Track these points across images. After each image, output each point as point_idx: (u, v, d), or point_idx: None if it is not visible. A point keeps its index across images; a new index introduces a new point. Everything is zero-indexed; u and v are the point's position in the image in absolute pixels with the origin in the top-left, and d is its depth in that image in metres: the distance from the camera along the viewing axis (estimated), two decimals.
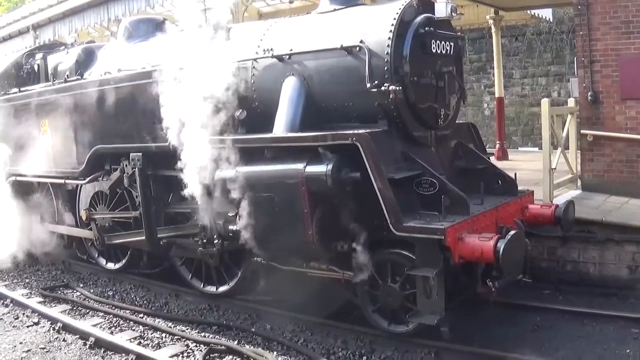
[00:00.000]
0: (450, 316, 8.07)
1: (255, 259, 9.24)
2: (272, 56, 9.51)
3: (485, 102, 26.23)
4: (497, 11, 19.79)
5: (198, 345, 9.13)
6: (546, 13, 21.98)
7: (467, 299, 8.83)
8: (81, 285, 12.32)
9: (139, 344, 9.22)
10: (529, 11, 20.94)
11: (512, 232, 7.83)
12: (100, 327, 9.94)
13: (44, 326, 10.08)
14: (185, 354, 8.89)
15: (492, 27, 20.05)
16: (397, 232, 7.75)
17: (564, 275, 11.07)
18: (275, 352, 8.76)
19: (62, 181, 12.30)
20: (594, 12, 13.57)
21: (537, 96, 21.93)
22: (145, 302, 11.17)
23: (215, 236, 9.77)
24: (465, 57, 25.53)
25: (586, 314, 9.41)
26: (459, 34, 10.34)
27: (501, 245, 7.47)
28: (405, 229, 7.71)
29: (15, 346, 9.32)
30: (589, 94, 13.61)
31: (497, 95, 20.05)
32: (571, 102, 15.23)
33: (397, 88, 8.36)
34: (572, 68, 20.83)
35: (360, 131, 8.04)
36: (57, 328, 9.90)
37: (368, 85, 8.44)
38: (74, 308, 10.95)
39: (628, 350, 8.33)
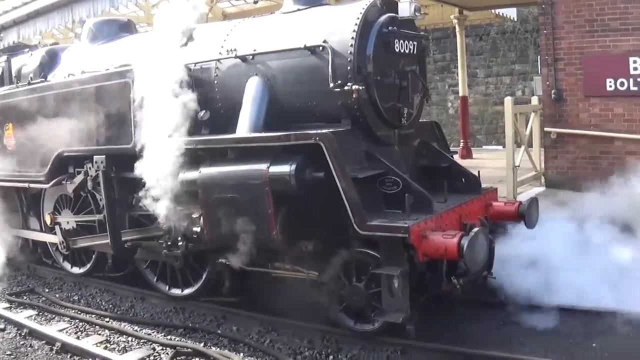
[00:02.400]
0: (415, 314, 8.08)
1: (220, 260, 9.18)
2: (236, 56, 9.47)
3: (450, 101, 26.41)
4: (462, 11, 19.97)
5: (164, 348, 9.07)
6: (510, 12, 22.22)
7: (432, 296, 8.85)
8: (47, 290, 12.20)
9: (105, 348, 9.14)
10: (493, 10, 21.14)
11: (476, 229, 7.87)
12: (67, 332, 9.84)
13: (10, 332, 9.97)
14: (151, 357, 8.81)
15: (457, 26, 20.22)
16: (361, 231, 7.75)
17: None
18: (241, 354, 8.73)
19: (26, 185, 12.16)
20: (558, 11, 13.73)
21: (501, 95, 22.12)
22: (110, 306, 11.07)
23: (179, 238, 9.70)
24: (429, 56, 25.72)
25: (551, 308, 9.44)
26: (423, 33, 10.38)
27: (465, 242, 7.50)
28: (369, 228, 7.71)
29: None
30: (553, 92, 13.78)
31: (461, 94, 20.25)
32: (535, 101, 15.39)
33: (360, 87, 8.37)
34: (536, 67, 20.99)
35: (324, 131, 8.05)
36: (23, 334, 9.80)
37: (331, 84, 8.44)
38: (40, 313, 10.82)
39: (594, 344, 8.37)
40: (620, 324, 8.76)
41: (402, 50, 9.17)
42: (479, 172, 9.91)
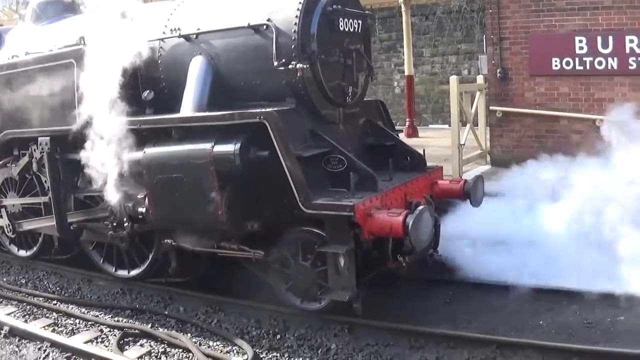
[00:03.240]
0: (362, 292, 8.13)
1: (166, 240, 9.14)
2: (180, 36, 9.39)
3: (396, 80, 26.47)
4: None
5: (112, 330, 9.03)
6: None
7: (379, 274, 8.89)
8: None
9: (53, 331, 9.07)
10: None
11: (421, 207, 7.90)
12: (14, 315, 9.73)
13: None
14: (99, 339, 8.77)
15: (402, 5, 20.17)
16: (307, 209, 7.76)
17: None
18: (189, 334, 8.72)
19: None
20: None
21: (447, 74, 22.15)
22: (58, 288, 10.97)
23: (125, 219, 9.64)
24: (375, 36, 25.73)
25: (499, 286, 9.53)
26: (368, 12, 10.37)
27: (410, 220, 7.53)
28: (315, 207, 7.72)
29: None
30: (498, 71, 13.86)
31: (406, 73, 20.27)
32: (480, 80, 15.45)
33: (305, 66, 8.35)
34: (482, 46, 21.07)
35: (268, 109, 8.05)
36: None
37: (275, 63, 8.40)
38: None
39: (541, 322, 8.46)
40: (567, 301, 8.90)
41: (346, 29, 9.16)
42: (424, 150, 9.95)
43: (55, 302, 10.27)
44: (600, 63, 13.28)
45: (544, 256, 9.64)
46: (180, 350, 8.29)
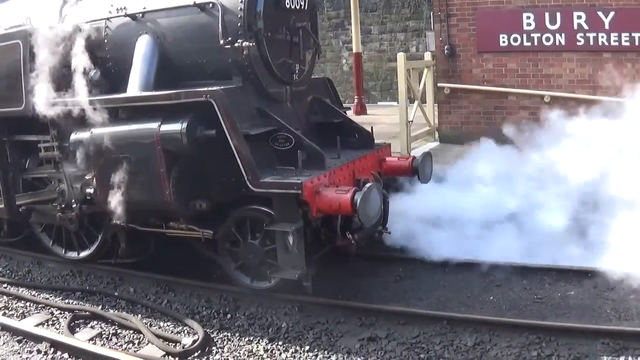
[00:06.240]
0: (311, 270, 8.16)
1: (114, 221, 9.09)
2: (125, 15, 9.32)
3: (344, 58, 26.43)
4: None
5: (62, 312, 9.00)
6: None
7: (328, 252, 8.94)
8: None
9: (4, 314, 9.02)
10: None
11: (369, 185, 7.95)
12: None
13: None
14: (50, 322, 8.74)
15: None
16: (254, 188, 7.76)
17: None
18: (139, 315, 8.73)
19: None
20: None
21: (395, 51, 22.11)
22: (8, 271, 10.87)
23: (73, 200, 9.57)
24: (322, 13, 25.65)
25: (448, 263, 9.61)
26: None
27: (358, 197, 7.56)
28: (262, 185, 7.73)
29: None
30: (446, 47, 13.94)
31: (354, 50, 20.26)
32: (428, 56, 15.50)
33: (251, 44, 8.33)
34: (430, 23, 21.12)
35: (215, 88, 8.01)
36: None
37: (221, 41, 8.35)
38: None
39: (492, 297, 8.58)
40: (517, 277, 9.01)
41: (293, 7, 9.12)
42: (372, 127, 9.98)
43: (5, 285, 10.18)
44: (548, 39, 13.40)
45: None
46: (131, 331, 8.29)
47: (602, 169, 9.72)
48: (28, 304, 9.43)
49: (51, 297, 9.64)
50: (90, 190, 9.14)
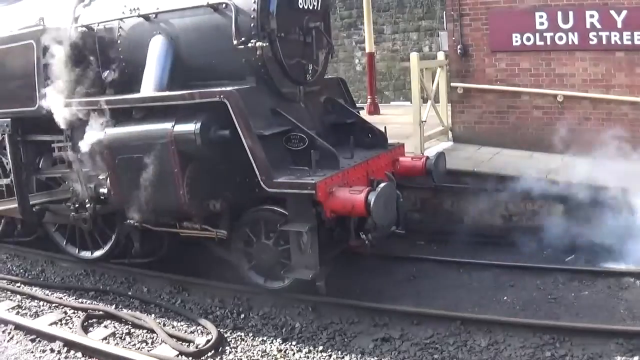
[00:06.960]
0: (325, 270, 8.19)
1: (128, 221, 9.10)
2: (139, 15, 9.33)
3: (357, 57, 26.33)
4: None
5: (76, 311, 9.02)
6: None
7: (342, 252, 8.95)
8: None
9: (17, 313, 9.05)
10: None
11: (383, 185, 7.92)
12: None
13: None
14: (63, 321, 8.75)
15: None
16: (268, 188, 7.76)
17: (437, 226, 11.26)
18: (153, 315, 8.74)
19: None
20: None
21: (408, 51, 22.00)
22: (21, 271, 10.93)
23: (86, 200, 9.60)
24: (335, 13, 25.60)
25: (462, 263, 9.61)
26: None
27: (372, 197, 7.54)
28: (276, 185, 7.72)
29: None
30: (459, 47, 13.85)
31: (367, 50, 20.17)
32: (440, 56, 15.46)
33: (264, 44, 8.33)
34: (443, 23, 21.05)
35: (228, 88, 8.02)
36: None
37: (235, 42, 8.38)
38: None
39: (505, 297, 8.58)
40: (530, 277, 8.99)
41: (306, 7, 9.14)
42: (385, 127, 9.98)
43: (18, 284, 10.22)
44: (560, 38, 13.31)
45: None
46: (145, 330, 8.31)
47: None
48: (41, 303, 9.46)
49: (65, 296, 9.67)
50: (103, 190, 9.20)
